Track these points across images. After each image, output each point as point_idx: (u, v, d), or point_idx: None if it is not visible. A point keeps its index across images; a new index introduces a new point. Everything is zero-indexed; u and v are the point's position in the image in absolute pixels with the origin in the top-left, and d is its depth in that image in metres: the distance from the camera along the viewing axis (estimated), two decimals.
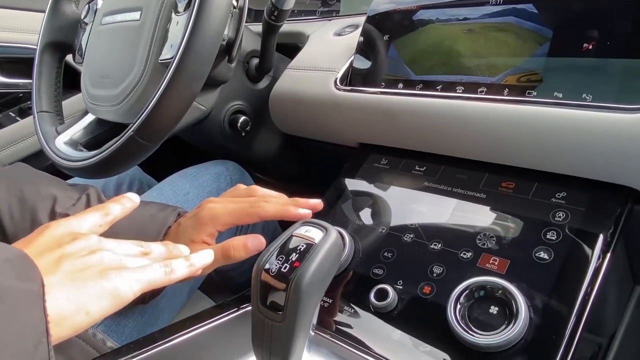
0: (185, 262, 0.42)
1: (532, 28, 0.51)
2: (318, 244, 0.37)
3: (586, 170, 0.47)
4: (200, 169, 0.81)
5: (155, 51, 0.63)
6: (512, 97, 0.50)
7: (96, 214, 0.46)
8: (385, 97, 0.59)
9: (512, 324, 0.40)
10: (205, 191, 0.77)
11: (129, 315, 0.60)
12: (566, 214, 0.47)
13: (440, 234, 0.51)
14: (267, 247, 0.39)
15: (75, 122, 0.76)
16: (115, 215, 0.47)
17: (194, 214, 0.55)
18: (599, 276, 0.43)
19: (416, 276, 0.49)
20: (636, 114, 0.42)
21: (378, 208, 0.58)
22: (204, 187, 0.77)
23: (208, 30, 0.54)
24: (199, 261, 0.44)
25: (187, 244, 0.53)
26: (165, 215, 0.57)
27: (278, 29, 0.71)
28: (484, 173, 0.54)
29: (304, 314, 0.36)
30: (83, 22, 0.81)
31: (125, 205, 0.49)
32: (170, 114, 0.56)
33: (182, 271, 0.41)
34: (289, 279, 0.35)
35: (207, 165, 0.83)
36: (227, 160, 0.84)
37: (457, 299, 0.43)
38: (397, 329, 0.45)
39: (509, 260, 0.46)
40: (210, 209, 0.53)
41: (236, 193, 0.58)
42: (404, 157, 0.61)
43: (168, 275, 0.40)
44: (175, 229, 0.56)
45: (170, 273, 0.40)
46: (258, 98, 0.78)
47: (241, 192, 0.58)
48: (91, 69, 0.73)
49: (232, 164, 0.84)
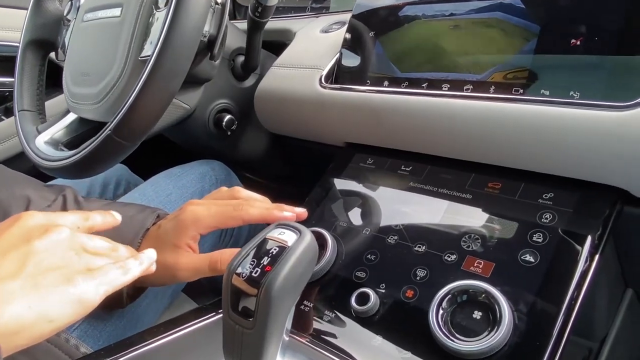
0: (136, 262, 0.41)
1: (518, 23, 0.49)
2: (291, 247, 0.35)
3: (574, 170, 0.46)
4: (185, 169, 0.80)
5: (136, 48, 0.62)
6: (498, 95, 0.49)
7: (77, 215, 0.44)
8: (370, 95, 0.58)
9: (495, 330, 0.39)
10: (188, 192, 0.75)
11: (107, 319, 0.59)
12: (553, 215, 0.45)
13: (425, 236, 0.50)
14: (240, 249, 0.37)
15: (57, 121, 0.75)
16: (95, 222, 0.45)
17: (175, 216, 0.53)
18: (587, 279, 0.42)
19: (399, 279, 0.47)
20: (624, 112, 0.41)
21: (362, 209, 0.56)
22: (187, 188, 0.75)
23: (186, 26, 0.52)
24: (148, 259, 0.43)
25: (170, 248, 0.51)
26: (144, 217, 0.56)
27: (263, 26, 0.69)
28: (471, 173, 0.53)
29: (275, 320, 0.34)
30: (66, 19, 0.79)
31: (106, 218, 0.47)
32: (149, 112, 0.55)
33: (136, 270, 0.40)
34: (260, 284, 0.34)
35: (192, 165, 0.81)
36: (213, 160, 0.82)
37: (440, 304, 0.42)
38: (378, 335, 0.44)
39: (493, 263, 0.44)
40: (192, 211, 0.52)
41: (219, 195, 0.56)
42: (390, 157, 0.60)
43: (125, 276, 0.39)
44: (155, 231, 0.54)
45: (126, 273, 0.39)
46: (244, 96, 0.77)
47: (224, 194, 0.56)
48: (72, 66, 0.72)
49: (218, 163, 0.82)
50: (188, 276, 0.51)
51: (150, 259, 0.43)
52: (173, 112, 0.68)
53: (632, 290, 0.58)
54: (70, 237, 0.39)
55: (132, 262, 0.40)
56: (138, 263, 0.41)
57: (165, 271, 0.51)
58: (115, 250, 0.42)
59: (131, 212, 0.56)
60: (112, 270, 0.38)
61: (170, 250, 0.51)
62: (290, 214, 0.52)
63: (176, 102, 0.68)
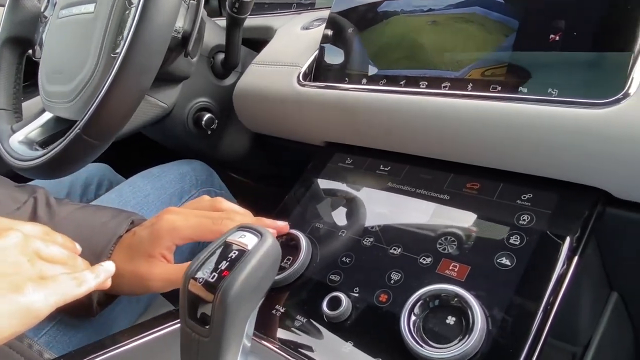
0: (92, 274, 0.39)
1: (497, 19, 0.47)
2: (250, 251, 0.34)
3: (552, 171, 0.44)
4: (165, 169, 0.77)
5: (108, 45, 0.60)
6: (475, 93, 0.47)
7: (38, 228, 0.43)
8: (347, 92, 0.56)
9: (467, 336, 0.37)
10: (167, 193, 0.73)
11: (78, 325, 0.57)
12: (531, 216, 0.44)
13: (401, 238, 0.48)
14: (198, 253, 0.35)
15: (32, 120, 0.73)
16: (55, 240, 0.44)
17: (151, 224, 0.51)
18: (565, 283, 0.40)
19: (373, 283, 0.46)
20: (603, 109, 0.39)
21: (339, 210, 0.55)
22: (166, 189, 0.73)
23: (156, 20, 0.51)
24: (105, 272, 0.41)
25: (143, 257, 0.49)
26: (118, 223, 0.53)
27: (242, 22, 0.68)
28: (449, 173, 0.51)
29: (232, 327, 0.32)
30: (43, 15, 0.78)
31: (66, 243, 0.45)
32: (119, 110, 0.53)
33: (91, 283, 0.38)
34: (217, 289, 0.32)
35: (172, 165, 0.78)
36: (194, 160, 0.80)
37: (411, 309, 0.40)
38: (349, 341, 0.42)
39: (469, 266, 0.43)
40: (169, 220, 0.49)
41: (199, 205, 0.53)
42: (370, 157, 0.58)
43: (79, 288, 0.37)
44: (128, 239, 0.52)
45: (80, 285, 0.37)
46: (225, 95, 0.75)
47: (205, 203, 0.53)
48: (47, 64, 0.70)
49: (200, 163, 0.80)
50: (161, 287, 0.49)
51: (107, 272, 0.41)
52: (149, 111, 0.67)
53: (617, 293, 0.57)
54: (23, 242, 0.37)
55: (88, 275, 0.39)
56: (94, 276, 0.39)
57: (138, 281, 0.49)
58: (73, 259, 0.40)
59: (104, 218, 0.54)
60: (66, 280, 0.37)
61: (144, 260, 0.49)
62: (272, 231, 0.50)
63: (152, 100, 0.66)
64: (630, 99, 0.38)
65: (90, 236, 0.51)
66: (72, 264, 0.40)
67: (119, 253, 0.51)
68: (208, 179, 0.78)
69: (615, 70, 0.40)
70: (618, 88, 0.39)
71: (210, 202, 0.53)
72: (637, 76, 0.39)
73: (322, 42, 0.62)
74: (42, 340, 0.54)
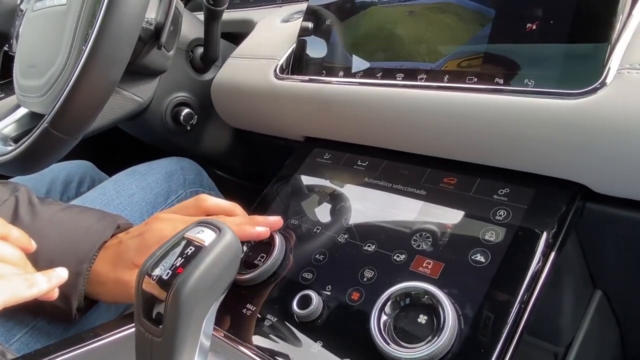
0: (44, 278, 0.38)
1: (474, 8, 0.46)
2: (207, 247, 0.32)
3: (529, 164, 0.43)
4: (152, 166, 0.74)
5: (80, 37, 0.58)
6: (451, 84, 0.46)
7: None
8: (324, 86, 0.55)
9: (437, 336, 0.36)
10: (152, 193, 0.70)
11: (52, 332, 0.54)
12: (507, 212, 0.42)
13: (375, 235, 0.47)
14: (155, 249, 0.34)
15: (7, 115, 0.71)
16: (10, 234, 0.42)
17: (139, 233, 0.49)
18: (540, 280, 0.39)
19: (346, 281, 0.44)
20: (579, 99, 0.38)
21: (315, 207, 0.53)
22: (152, 188, 0.70)
23: (125, 10, 0.49)
24: (57, 277, 0.39)
25: (128, 265, 0.47)
26: (103, 227, 0.51)
27: (220, 15, 0.66)
28: (427, 168, 0.50)
29: (186, 327, 0.31)
30: (20, 9, 0.76)
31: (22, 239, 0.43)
32: (87, 103, 0.52)
33: (42, 286, 0.37)
34: (170, 287, 0.31)
35: (159, 163, 0.75)
36: (183, 158, 0.77)
37: (382, 308, 0.39)
38: (318, 341, 0.41)
39: (442, 263, 0.41)
40: (157, 230, 0.48)
41: (185, 210, 0.51)
42: (349, 152, 0.57)
43: (29, 289, 0.36)
44: (114, 245, 0.50)
45: (31, 287, 0.36)
46: (204, 89, 0.73)
47: (189, 206, 0.51)
48: (21, 58, 0.69)
49: (188, 161, 0.76)
50: None
51: (59, 279, 0.40)
52: (124, 105, 0.65)
53: (601, 291, 0.55)
54: None
55: (40, 277, 0.37)
56: (46, 279, 0.38)
57: (121, 289, 0.47)
58: (24, 262, 0.39)
59: (89, 221, 0.52)
60: (17, 280, 0.35)
61: (128, 268, 0.47)
62: (264, 229, 0.49)
63: (127, 94, 0.65)
64: (606, 89, 0.37)
65: (73, 240, 0.50)
66: (23, 264, 0.38)
67: (102, 259, 0.49)
68: (196, 178, 0.76)
69: (592, 60, 0.39)
70: (594, 78, 0.38)
71: (194, 203, 0.51)
72: (613, 66, 0.38)
73: (299, 34, 0.61)
74: (14, 347, 0.52)
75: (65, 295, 0.46)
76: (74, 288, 0.47)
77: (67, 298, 0.47)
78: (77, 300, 0.48)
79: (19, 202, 0.53)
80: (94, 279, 0.48)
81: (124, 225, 0.53)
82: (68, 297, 0.47)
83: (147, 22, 0.57)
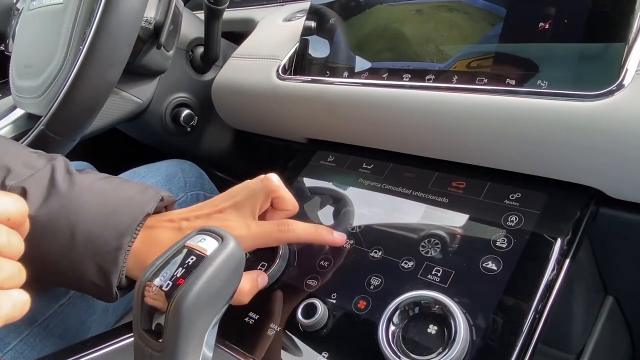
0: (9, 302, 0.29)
1: (484, 7, 0.45)
2: (209, 257, 0.31)
3: (542, 168, 0.41)
4: (152, 169, 0.72)
5: (77, 36, 0.57)
6: (461, 85, 0.44)
7: None
8: (327, 87, 0.53)
9: (449, 347, 0.35)
10: None
11: (47, 338, 0.52)
12: (519, 217, 0.41)
13: (382, 241, 0.45)
14: (155, 259, 0.32)
15: (3, 117, 0.70)
16: None
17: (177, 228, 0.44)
18: (555, 288, 0.37)
19: (352, 289, 0.43)
20: (595, 102, 0.36)
21: (320, 211, 0.52)
22: None
23: (123, 9, 0.48)
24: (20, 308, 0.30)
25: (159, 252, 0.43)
26: (146, 200, 0.45)
27: (221, 14, 0.64)
28: (434, 172, 0.48)
29: (188, 341, 0.29)
30: (16, 8, 0.75)
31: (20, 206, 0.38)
32: (84, 105, 0.50)
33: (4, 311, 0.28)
34: (170, 299, 0.29)
35: (160, 165, 0.73)
36: (184, 160, 0.75)
37: (390, 317, 0.37)
38: (323, 352, 0.39)
39: (453, 271, 0.40)
40: None
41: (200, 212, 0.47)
42: (353, 154, 0.55)
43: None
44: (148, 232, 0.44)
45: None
46: (204, 90, 0.72)
47: None
48: (17, 58, 0.67)
49: (189, 164, 0.75)
50: None
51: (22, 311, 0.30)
52: (123, 106, 0.64)
53: (613, 297, 0.54)
54: None
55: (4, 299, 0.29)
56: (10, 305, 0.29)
57: None
58: None
59: (130, 192, 0.46)
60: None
61: None
62: (342, 235, 0.47)
63: (126, 95, 0.63)
64: (624, 91, 0.35)
65: (113, 211, 0.44)
66: None
67: (143, 236, 0.44)
68: (197, 181, 0.73)
69: (608, 61, 0.38)
70: (611, 80, 0.37)
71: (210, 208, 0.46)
72: (631, 67, 0.36)
73: (302, 34, 0.59)
74: (8, 356, 0.50)
75: (104, 272, 0.42)
76: (114, 264, 0.42)
77: (107, 275, 0.42)
78: (118, 278, 0.43)
79: (55, 169, 0.47)
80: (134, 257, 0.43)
81: (168, 198, 0.48)
82: (108, 274, 0.42)
83: (146, 21, 0.56)
